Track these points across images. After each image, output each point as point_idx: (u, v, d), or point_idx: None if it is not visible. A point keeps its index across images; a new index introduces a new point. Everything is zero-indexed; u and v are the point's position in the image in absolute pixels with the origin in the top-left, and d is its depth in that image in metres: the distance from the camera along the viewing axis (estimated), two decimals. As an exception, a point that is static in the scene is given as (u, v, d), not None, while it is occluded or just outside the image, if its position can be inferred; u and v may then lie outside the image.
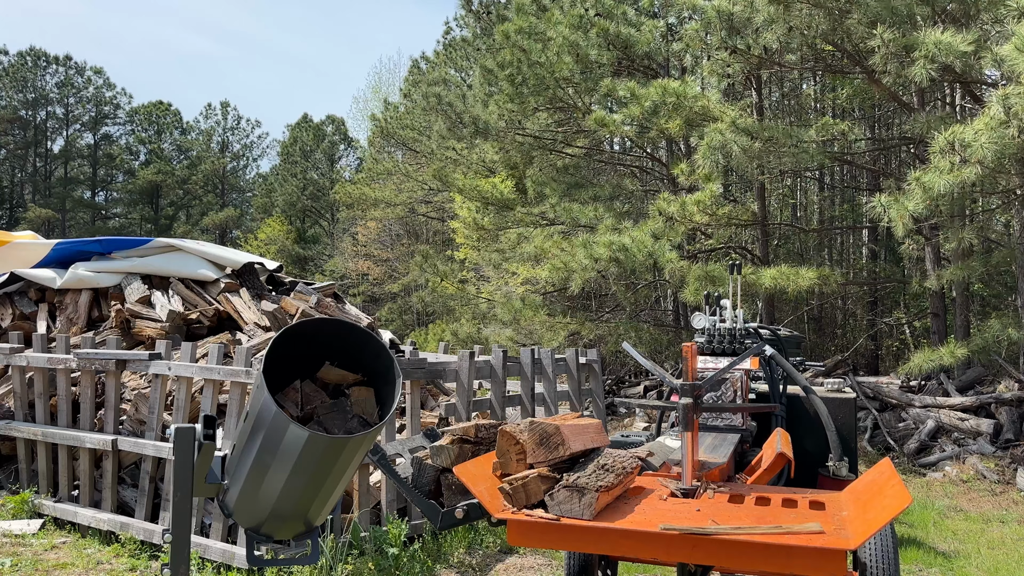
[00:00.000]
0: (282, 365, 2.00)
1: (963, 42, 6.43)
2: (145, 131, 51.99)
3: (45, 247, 6.53)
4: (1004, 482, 7.21)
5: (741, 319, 4.39)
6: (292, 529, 2.15)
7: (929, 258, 10.85)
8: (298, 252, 34.56)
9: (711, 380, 2.91)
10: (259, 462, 1.95)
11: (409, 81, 25.01)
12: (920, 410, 8.78)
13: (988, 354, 8.70)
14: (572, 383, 6.61)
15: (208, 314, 6.00)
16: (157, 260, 6.34)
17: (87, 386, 4.92)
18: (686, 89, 9.38)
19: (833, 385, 4.87)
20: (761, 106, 12.95)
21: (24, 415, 5.27)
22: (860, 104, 15.94)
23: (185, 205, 48.87)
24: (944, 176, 6.27)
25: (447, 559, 4.54)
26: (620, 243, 10.05)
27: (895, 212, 6.91)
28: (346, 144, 44.76)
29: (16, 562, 4.21)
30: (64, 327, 6.06)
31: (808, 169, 15.08)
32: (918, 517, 6.02)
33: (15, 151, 46.39)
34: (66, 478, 4.99)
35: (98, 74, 49.43)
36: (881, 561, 2.68)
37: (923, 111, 8.87)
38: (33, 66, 47.17)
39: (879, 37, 6.85)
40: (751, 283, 8.86)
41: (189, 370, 4.38)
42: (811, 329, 16.71)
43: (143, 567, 4.23)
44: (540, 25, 12.81)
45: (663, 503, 2.40)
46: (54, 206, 44.41)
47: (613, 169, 16.95)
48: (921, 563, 4.88)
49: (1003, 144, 5.92)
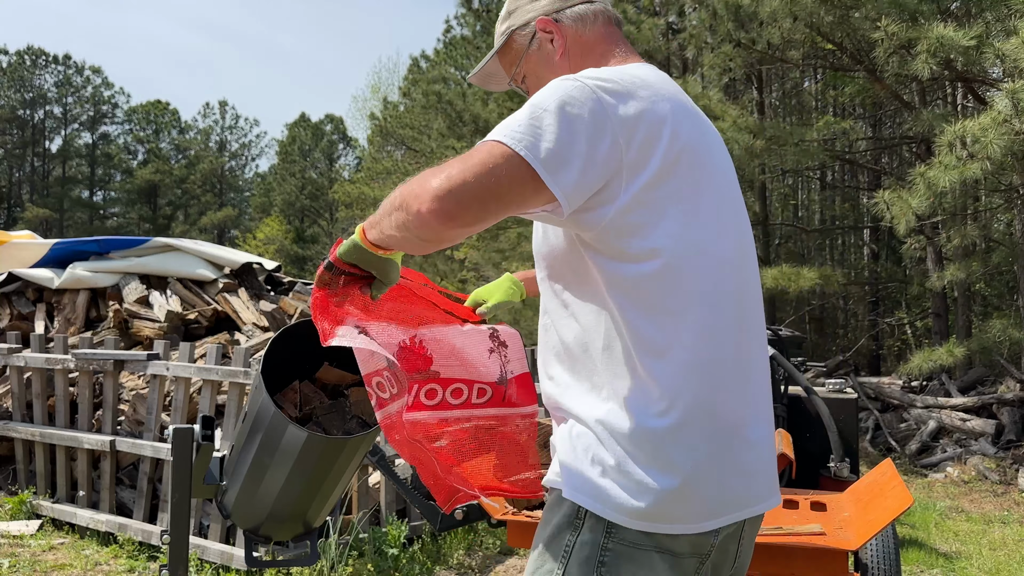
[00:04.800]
0: (280, 365, 1.98)
1: (965, 37, 6.41)
2: (143, 130, 51.99)
3: (43, 247, 6.51)
4: (1006, 483, 7.20)
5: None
6: (291, 530, 2.13)
7: (931, 258, 10.84)
8: (297, 252, 34.58)
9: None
10: (257, 463, 1.94)
11: (409, 80, 24.98)
12: (922, 411, 8.77)
13: (989, 354, 8.69)
14: (572, 383, 6.58)
15: (206, 314, 5.98)
16: (155, 260, 6.32)
17: (85, 386, 4.90)
18: (687, 87, 9.36)
19: (834, 386, 4.85)
20: (762, 104, 12.95)
21: (22, 415, 5.25)
22: (862, 103, 15.94)
23: (183, 205, 48.87)
24: (949, 172, 6.25)
25: (446, 560, 4.52)
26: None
27: (898, 208, 6.89)
28: (345, 143, 44.80)
29: (14, 563, 4.19)
30: (62, 327, 6.04)
31: (809, 168, 15.09)
32: (919, 518, 6.01)
33: (13, 150, 46.39)
34: (64, 479, 4.97)
35: (96, 73, 49.44)
36: (883, 562, 2.67)
37: (925, 109, 8.87)
38: (32, 65, 47.16)
39: (883, 30, 6.82)
40: (752, 283, 8.84)
41: (187, 370, 4.37)
42: (812, 329, 16.71)
43: (141, 568, 4.21)
44: (540, 24, 12.78)
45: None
46: (52, 206, 44.42)
47: (613, 168, 16.91)
48: (922, 564, 4.86)
49: (1010, 140, 5.90)
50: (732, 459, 1.22)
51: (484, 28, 16.11)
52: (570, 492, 1.22)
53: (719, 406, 1.21)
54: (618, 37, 1.44)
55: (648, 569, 1.17)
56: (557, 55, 1.43)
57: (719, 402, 1.21)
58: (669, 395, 1.18)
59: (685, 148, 1.21)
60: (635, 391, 1.19)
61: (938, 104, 12.15)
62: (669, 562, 1.18)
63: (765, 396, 1.32)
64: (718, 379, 1.22)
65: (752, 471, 1.25)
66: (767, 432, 1.31)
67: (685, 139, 1.22)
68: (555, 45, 1.43)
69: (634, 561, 1.17)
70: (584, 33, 1.42)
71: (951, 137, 6.37)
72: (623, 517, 1.17)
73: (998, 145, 5.88)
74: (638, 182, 1.17)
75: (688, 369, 1.19)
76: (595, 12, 1.43)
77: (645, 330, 1.19)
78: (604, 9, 1.45)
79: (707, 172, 1.26)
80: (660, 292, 1.19)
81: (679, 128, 1.21)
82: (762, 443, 1.28)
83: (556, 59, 1.42)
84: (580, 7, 1.43)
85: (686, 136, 1.22)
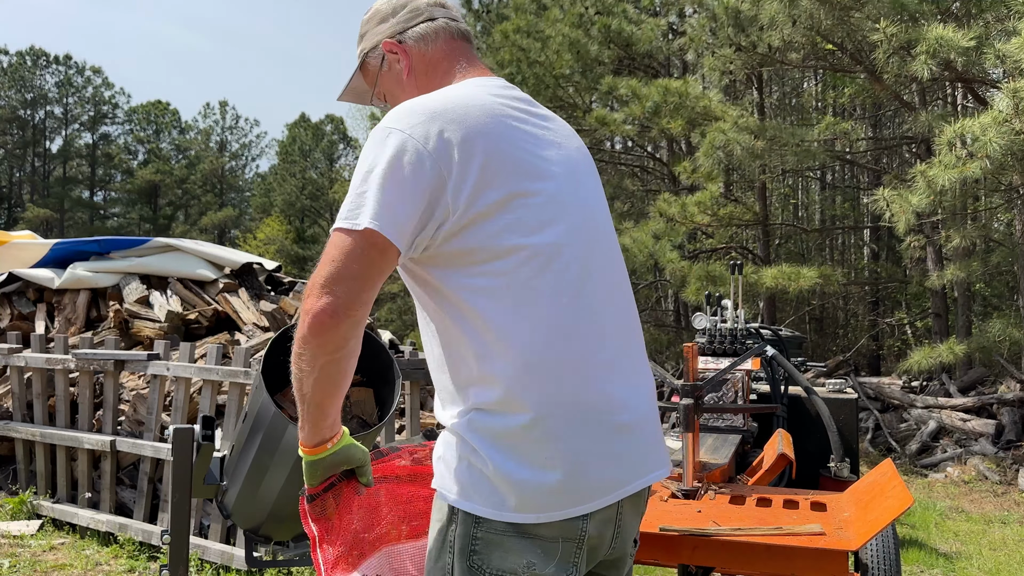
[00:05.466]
0: (281, 365, 1.98)
1: (964, 38, 6.41)
2: (143, 130, 51.98)
3: (43, 247, 6.50)
4: (1006, 483, 7.20)
5: (742, 319, 4.37)
6: (291, 530, 2.14)
7: (931, 258, 10.84)
8: (297, 252, 34.54)
9: (712, 381, 2.90)
10: (258, 463, 1.94)
11: (409, 81, 24.95)
12: (922, 411, 8.77)
13: (989, 354, 8.69)
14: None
15: (207, 314, 5.98)
16: (155, 260, 6.32)
17: (85, 386, 4.90)
18: (688, 88, 9.37)
19: (835, 386, 4.86)
20: (762, 105, 12.95)
21: (22, 415, 5.26)
22: (862, 104, 15.94)
23: (183, 205, 48.87)
24: (949, 171, 6.24)
25: (447, 560, 4.52)
26: (621, 243, 10.03)
27: (898, 207, 6.88)
28: (345, 143, 44.76)
29: (14, 563, 4.19)
30: (62, 327, 6.04)
31: (810, 168, 15.09)
32: (920, 518, 6.01)
33: (13, 150, 46.40)
34: (64, 479, 4.98)
35: (97, 73, 49.45)
36: (883, 562, 2.67)
37: (925, 110, 8.86)
38: (33, 65, 47.17)
39: (882, 31, 6.82)
40: (752, 283, 8.84)
41: (187, 370, 4.37)
42: (812, 329, 16.71)
43: (142, 568, 4.21)
44: (540, 24, 12.81)
45: (664, 504, 2.38)
46: (52, 206, 44.42)
47: (614, 168, 16.95)
48: (923, 564, 4.87)
49: (1010, 139, 5.90)
50: (597, 447, 1.28)
51: (484, 29, 16.11)
52: (443, 493, 1.31)
53: (573, 397, 1.27)
54: (462, 51, 1.52)
55: (516, 554, 1.24)
56: (404, 74, 1.51)
57: (571, 394, 1.27)
58: (516, 395, 1.24)
59: (499, 157, 1.29)
60: (484, 394, 1.27)
61: (938, 104, 12.14)
62: (539, 546, 1.25)
63: (636, 378, 1.38)
64: (568, 372, 1.27)
65: (623, 453, 1.31)
66: (644, 412, 1.37)
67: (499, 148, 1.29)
68: (401, 65, 1.51)
69: (503, 547, 1.24)
70: (427, 51, 1.50)
71: (951, 136, 6.37)
72: (488, 510, 1.24)
73: (998, 144, 5.88)
74: (460, 200, 1.25)
75: (531, 368, 1.25)
76: (436, 30, 1.51)
77: (484, 336, 1.27)
78: (447, 25, 1.52)
79: (529, 171, 1.32)
80: (492, 299, 1.26)
81: (491, 140, 1.29)
82: (637, 425, 1.34)
83: (404, 78, 1.52)
84: (421, 26, 1.50)
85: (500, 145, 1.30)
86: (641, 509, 1.43)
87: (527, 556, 1.24)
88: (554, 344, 1.27)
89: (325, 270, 1.23)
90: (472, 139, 1.27)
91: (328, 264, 1.23)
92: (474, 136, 1.28)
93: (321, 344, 1.22)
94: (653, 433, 1.40)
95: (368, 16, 1.58)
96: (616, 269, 1.43)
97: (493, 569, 1.25)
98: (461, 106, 1.31)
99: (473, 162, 1.26)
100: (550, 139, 1.40)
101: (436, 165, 1.24)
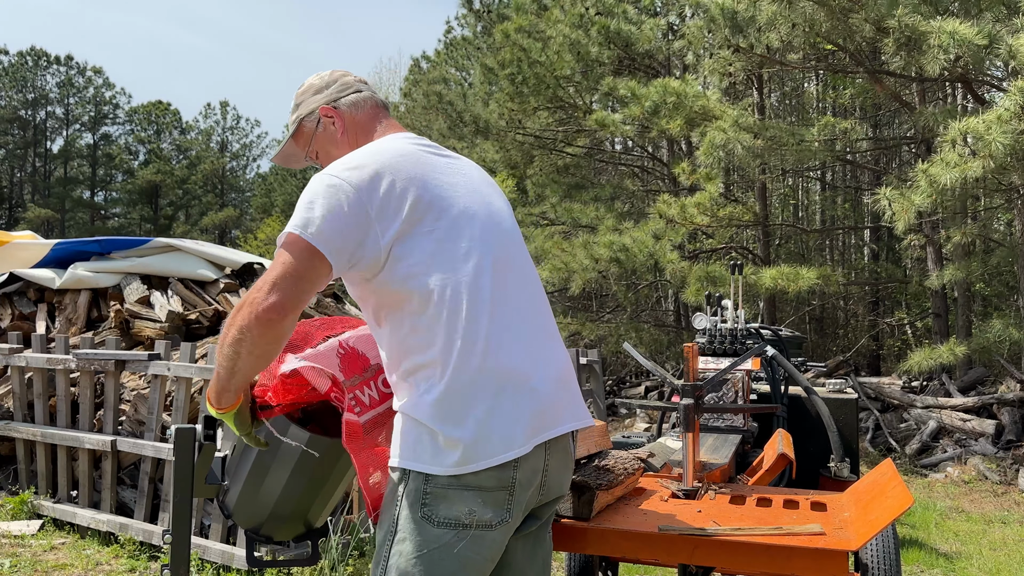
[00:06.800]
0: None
1: (978, 35, 6.38)
2: (144, 131, 51.96)
3: (44, 247, 6.51)
4: (1006, 483, 7.20)
5: (742, 319, 4.37)
6: (292, 530, 2.14)
7: (931, 257, 10.84)
8: (298, 252, 34.45)
9: (712, 381, 2.90)
10: (259, 463, 1.94)
11: (409, 80, 24.95)
12: (922, 411, 8.77)
13: (989, 354, 8.68)
14: (573, 383, 6.57)
15: (207, 314, 5.98)
16: (156, 260, 6.32)
17: (86, 386, 4.91)
18: (687, 88, 9.35)
19: (835, 386, 4.86)
20: (762, 105, 12.94)
21: (23, 415, 5.26)
22: (862, 104, 15.93)
23: (184, 205, 48.86)
24: (951, 169, 6.23)
25: (447, 560, 4.52)
26: (621, 243, 10.03)
27: (899, 206, 6.87)
28: (346, 144, 44.69)
29: (15, 563, 4.20)
30: (63, 327, 6.05)
31: (810, 169, 15.09)
32: (920, 518, 6.01)
33: (14, 151, 46.41)
34: (65, 479, 4.98)
35: (98, 74, 49.45)
36: (883, 562, 2.67)
37: (928, 106, 8.85)
38: (34, 66, 47.17)
39: (896, 19, 6.76)
40: (752, 283, 8.84)
41: (188, 370, 4.37)
42: (812, 329, 16.69)
43: (142, 568, 4.22)
44: (540, 24, 12.80)
45: (664, 504, 2.39)
46: (53, 206, 44.43)
47: (614, 169, 16.96)
48: (923, 564, 4.87)
49: (1014, 138, 5.88)
50: (515, 406, 1.57)
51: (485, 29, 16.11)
52: (397, 461, 1.58)
53: (495, 368, 1.56)
54: (382, 116, 1.88)
55: (460, 503, 1.52)
56: (339, 134, 1.85)
57: (488, 369, 1.55)
58: (447, 372, 1.54)
59: (415, 188, 1.60)
60: (417, 378, 1.57)
61: (938, 104, 12.14)
62: (479, 495, 1.53)
63: (547, 350, 1.69)
64: (491, 348, 1.56)
65: (539, 410, 1.60)
66: (553, 374, 1.67)
67: (414, 182, 1.61)
68: (336, 126, 1.86)
69: (447, 499, 1.53)
70: (356, 115, 1.86)
71: (954, 134, 6.36)
72: (434, 468, 1.52)
73: (1001, 143, 5.87)
74: (385, 226, 1.56)
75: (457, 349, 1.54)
76: (364, 99, 1.88)
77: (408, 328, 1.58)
78: (372, 95, 1.89)
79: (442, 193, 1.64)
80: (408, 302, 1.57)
81: (409, 177, 1.61)
82: (548, 384, 1.64)
83: (338, 136, 1.85)
84: (352, 96, 1.87)
85: (414, 179, 1.61)
86: (568, 463, 1.75)
87: (468, 504, 1.52)
88: (475, 324, 1.56)
89: (277, 271, 1.50)
90: (395, 174, 1.59)
91: (280, 266, 1.51)
92: (397, 171, 1.60)
93: (263, 334, 1.49)
94: (567, 392, 1.71)
95: (303, 89, 1.91)
96: (523, 263, 1.74)
97: (441, 517, 1.52)
98: (386, 151, 1.65)
99: (396, 190, 1.58)
100: (456, 168, 1.74)
101: (362, 201, 1.55)
